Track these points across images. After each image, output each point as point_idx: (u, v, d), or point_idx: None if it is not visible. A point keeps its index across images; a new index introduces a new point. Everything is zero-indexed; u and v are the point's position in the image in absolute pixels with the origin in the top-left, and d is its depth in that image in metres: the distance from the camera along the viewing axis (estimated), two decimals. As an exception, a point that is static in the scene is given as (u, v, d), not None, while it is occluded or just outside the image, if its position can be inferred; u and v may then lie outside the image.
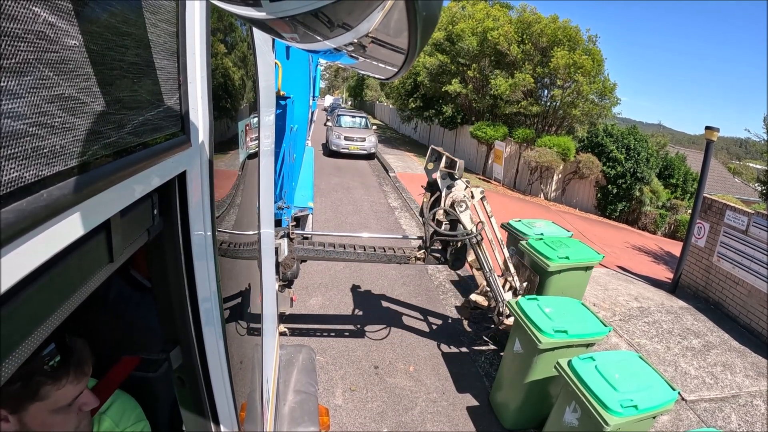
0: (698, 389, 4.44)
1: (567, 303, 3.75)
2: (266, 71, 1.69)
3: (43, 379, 0.87)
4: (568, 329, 3.33)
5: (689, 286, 6.78)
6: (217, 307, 0.97)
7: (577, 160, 13.42)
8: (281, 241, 3.72)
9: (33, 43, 0.35)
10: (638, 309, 5.90)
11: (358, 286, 5.82)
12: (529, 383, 3.42)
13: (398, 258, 4.22)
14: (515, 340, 3.61)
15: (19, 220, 0.33)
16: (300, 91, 4.19)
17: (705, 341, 5.33)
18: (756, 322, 5.61)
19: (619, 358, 3.07)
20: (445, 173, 4.12)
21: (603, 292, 6.30)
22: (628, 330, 5.34)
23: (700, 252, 6.60)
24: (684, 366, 4.79)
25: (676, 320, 5.75)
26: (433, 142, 22.58)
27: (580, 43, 14.64)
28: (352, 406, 3.77)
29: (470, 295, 4.63)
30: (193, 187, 0.82)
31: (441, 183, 4.11)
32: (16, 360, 0.37)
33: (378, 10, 0.40)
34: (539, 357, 3.33)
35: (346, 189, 11.06)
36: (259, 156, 1.56)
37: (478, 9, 16.63)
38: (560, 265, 4.45)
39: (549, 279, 4.50)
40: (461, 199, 3.98)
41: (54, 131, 0.38)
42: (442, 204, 4.03)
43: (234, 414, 1.10)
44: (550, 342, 3.27)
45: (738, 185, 21.44)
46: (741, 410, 4.24)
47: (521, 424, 3.64)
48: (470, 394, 4.04)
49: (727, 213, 6.14)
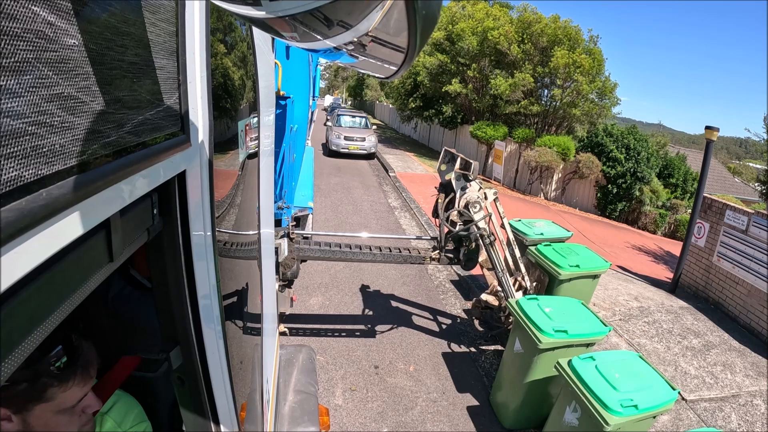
0: (698, 389, 4.44)
1: (567, 303, 3.76)
2: (266, 71, 1.69)
3: (50, 381, 0.87)
4: (569, 329, 3.33)
5: (689, 285, 6.78)
6: (217, 307, 0.97)
7: (577, 160, 13.42)
8: (281, 241, 3.73)
9: (32, 42, 0.35)
10: (638, 309, 5.90)
11: (357, 286, 5.82)
12: (529, 383, 3.42)
13: (413, 258, 4.29)
14: (515, 340, 3.60)
15: (19, 219, 0.33)
16: (300, 91, 4.19)
17: (705, 341, 5.33)
18: (756, 322, 5.61)
19: (619, 358, 3.07)
20: (460, 174, 4.19)
21: (603, 291, 6.29)
22: (628, 330, 5.34)
23: (700, 252, 6.60)
24: (684, 366, 4.79)
25: (676, 320, 5.75)
26: (433, 142, 22.57)
27: (580, 42, 14.65)
28: (352, 406, 3.77)
29: (481, 294, 4.69)
30: (193, 187, 0.82)
31: (455, 184, 4.18)
32: (16, 359, 0.37)
33: (377, 9, 0.40)
34: (539, 357, 3.32)
35: (346, 189, 11.06)
36: (259, 156, 1.56)
37: (478, 9, 16.63)
38: (571, 274, 4.49)
39: (559, 287, 4.54)
40: (475, 200, 4.06)
41: (53, 130, 0.38)
42: (456, 205, 4.11)
43: (234, 414, 1.10)
44: (550, 342, 3.26)
45: (738, 185, 21.45)
46: (741, 410, 4.24)
47: (521, 424, 3.64)
48: (470, 394, 4.04)
49: (727, 213, 6.14)
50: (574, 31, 14.61)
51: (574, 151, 13.68)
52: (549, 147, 13.64)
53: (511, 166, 15.39)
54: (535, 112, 15.23)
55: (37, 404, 0.86)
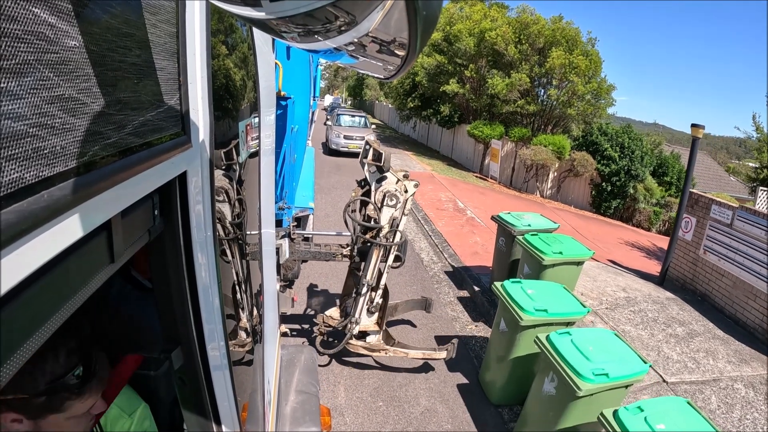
0: (679, 372, 4.53)
1: (549, 286, 3.97)
2: (266, 71, 1.69)
3: (69, 395, 0.89)
4: (548, 308, 3.56)
5: (677, 278, 6.92)
6: (218, 308, 0.97)
7: (572, 158, 13.58)
8: (282, 241, 3.72)
9: (33, 44, 0.35)
10: (625, 299, 6.02)
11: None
12: (513, 359, 3.68)
13: (323, 255, 3.96)
14: (500, 320, 3.82)
15: (20, 220, 0.33)
16: (300, 92, 4.19)
17: (689, 329, 5.42)
18: (741, 313, 5.73)
19: (595, 335, 3.28)
20: (373, 166, 3.82)
21: (592, 282, 6.42)
22: (614, 317, 5.44)
23: (687, 245, 6.75)
24: (667, 351, 4.88)
25: (662, 310, 5.85)
26: (432, 141, 22.64)
27: (579, 44, 14.78)
28: (349, 382, 3.96)
29: (325, 311, 4.14)
30: (194, 188, 0.82)
31: (369, 177, 3.83)
32: (17, 362, 0.37)
33: (378, 9, 0.40)
34: (521, 334, 3.56)
35: (345, 186, 11.21)
36: (259, 156, 1.56)
37: (476, 10, 16.81)
38: (554, 260, 4.73)
39: (543, 272, 4.79)
40: (393, 193, 3.65)
41: (54, 132, 0.38)
42: (372, 198, 3.71)
43: (236, 414, 1.10)
44: (531, 319, 3.49)
45: (734, 183, 21.48)
46: (721, 393, 4.31)
47: (507, 400, 3.90)
48: (461, 373, 4.28)
49: (712, 207, 6.30)
50: (574, 33, 14.74)
51: (570, 150, 13.85)
52: (544, 146, 13.80)
53: (508, 165, 15.53)
54: (531, 111, 15.38)
55: (53, 414, 0.88)
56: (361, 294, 3.73)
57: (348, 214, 3.76)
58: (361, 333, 3.85)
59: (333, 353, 4.03)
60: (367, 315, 3.81)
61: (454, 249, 7.57)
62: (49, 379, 0.85)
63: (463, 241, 8.07)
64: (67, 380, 0.88)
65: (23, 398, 0.82)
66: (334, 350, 3.87)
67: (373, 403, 3.75)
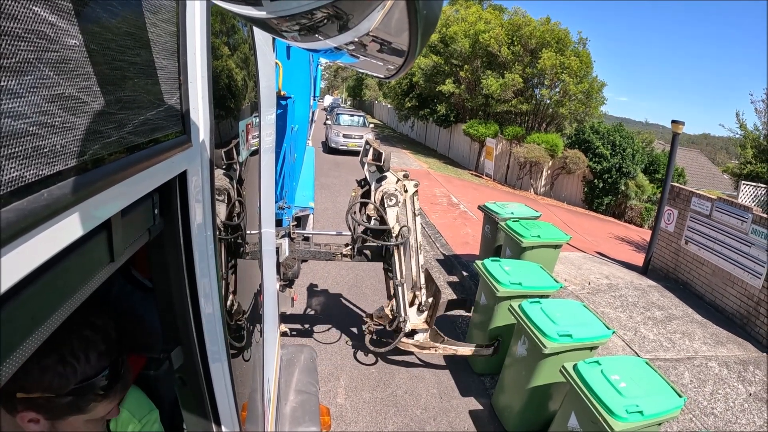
0: (655, 350, 4.64)
1: (525, 265, 4.19)
2: (267, 71, 1.69)
3: (95, 397, 0.89)
4: (522, 282, 3.73)
5: (660, 268, 7.10)
6: (218, 307, 0.97)
7: (564, 156, 13.77)
8: (282, 240, 3.72)
9: (33, 42, 0.35)
10: (607, 285, 6.17)
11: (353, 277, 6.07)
12: (492, 330, 3.83)
13: (323, 255, 3.95)
14: (481, 295, 3.94)
15: (20, 219, 0.33)
16: (301, 91, 4.18)
17: (668, 314, 5.55)
18: (720, 299, 5.92)
19: (565, 305, 3.37)
20: (373, 166, 3.80)
21: (576, 270, 6.59)
22: (594, 301, 5.59)
23: (669, 236, 6.93)
24: (644, 331, 5.00)
25: (643, 295, 6.00)
26: (429, 140, 22.75)
27: (569, 44, 15.05)
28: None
29: (374, 311, 4.19)
30: (194, 187, 0.81)
31: (369, 176, 3.82)
32: (17, 361, 0.37)
33: (378, 9, 0.40)
34: (498, 305, 3.70)
35: (344, 183, 11.36)
36: (260, 155, 1.56)
37: (471, 12, 17.11)
38: (532, 242, 5.10)
39: (523, 254, 5.14)
40: (392, 193, 3.65)
41: (54, 131, 0.38)
42: (372, 198, 3.70)
43: (235, 414, 1.10)
44: (506, 291, 3.63)
45: (727, 181, 21.74)
46: (695, 370, 4.40)
47: (488, 370, 4.09)
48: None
49: (693, 199, 6.49)
50: (563, 34, 15.01)
51: (562, 148, 14.06)
52: (538, 144, 14.02)
53: (502, 163, 15.73)
54: (525, 110, 15.63)
55: (74, 415, 0.87)
56: (393, 296, 3.82)
57: (351, 216, 3.73)
58: (411, 331, 3.91)
59: (384, 352, 4.10)
60: (417, 313, 3.86)
61: (446, 239, 7.76)
62: (81, 379, 0.85)
63: (455, 232, 8.26)
64: (97, 381, 0.87)
65: (48, 397, 0.82)
66: (385, 349, 3.93)
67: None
